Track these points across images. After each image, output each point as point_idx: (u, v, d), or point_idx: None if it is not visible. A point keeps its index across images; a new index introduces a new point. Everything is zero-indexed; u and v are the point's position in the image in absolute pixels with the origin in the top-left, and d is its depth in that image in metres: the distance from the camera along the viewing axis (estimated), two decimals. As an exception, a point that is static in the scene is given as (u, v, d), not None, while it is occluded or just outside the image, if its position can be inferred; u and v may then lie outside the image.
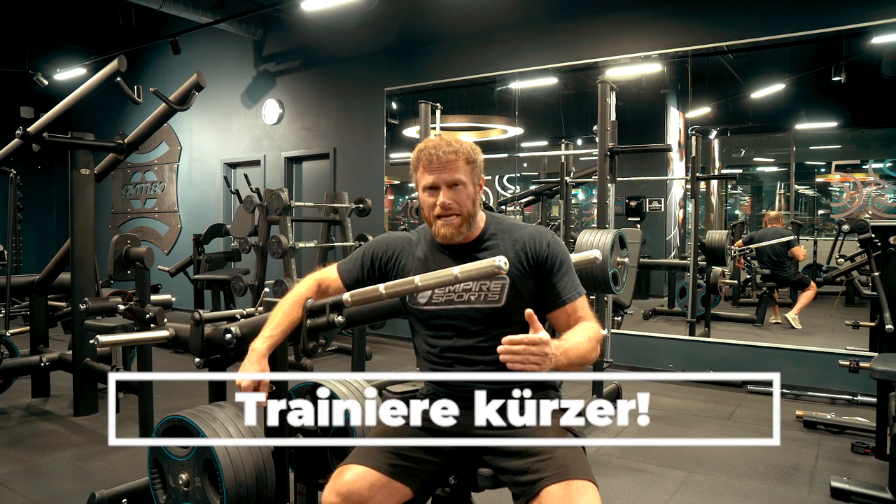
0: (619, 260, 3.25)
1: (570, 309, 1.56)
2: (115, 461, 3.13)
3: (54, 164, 9.88)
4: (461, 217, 1.55)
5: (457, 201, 1.54)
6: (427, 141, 1.59)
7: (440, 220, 1.56)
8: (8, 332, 4.00)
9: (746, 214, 6.28)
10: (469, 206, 1.56)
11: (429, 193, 1.57)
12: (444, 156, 1.54)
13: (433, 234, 1.61)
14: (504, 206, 6.45)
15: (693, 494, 2.76)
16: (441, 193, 1.54)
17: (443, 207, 1.54)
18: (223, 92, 7.94)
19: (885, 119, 4.98)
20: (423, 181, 1.57)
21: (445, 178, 1.54)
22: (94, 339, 2.14)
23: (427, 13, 6.31)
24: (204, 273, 6.43)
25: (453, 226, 1.55)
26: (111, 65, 3.70)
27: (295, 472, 2.17)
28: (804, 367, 4.37)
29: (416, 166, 1.59)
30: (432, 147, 1.55)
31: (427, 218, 1.60)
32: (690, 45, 4.95)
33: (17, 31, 8.53)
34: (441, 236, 1.57)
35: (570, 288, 1.57)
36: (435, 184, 1.55)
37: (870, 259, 3.13)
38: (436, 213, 1.55)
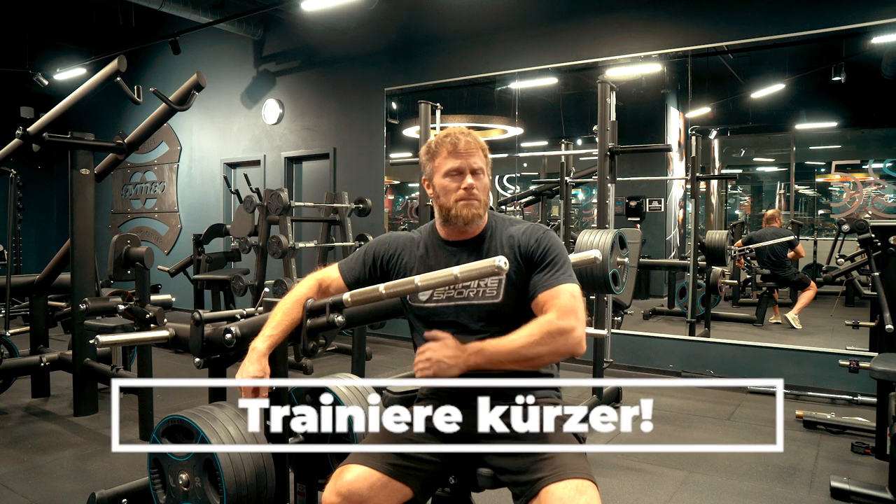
0: (619, 260, 3.25)
1: (542, 300, 1.51)
2: (115, 461, 3.13)
3: (54, 164, 9.88)
4: (481, 202, 1.60)
5: (479, 187, 1.59)
6: (447, 129, 1.64)
7: (462, 202, 1.58)
8: (8, 332, 4.00)
9: (746, 214, 6.28)
10: (487, 194, 1.62)
11: (451, 178, 1.59)
12: (469, 143, 1.60)
13: (450, 218, 1.60)
14: (504, 206, 6.45)
15: (693, 494, 2.76)
16: (467, 176, 1.58)
17: (467, 189, 1.57)
18: (223, 92, 7.94)
19: (885, 119, 4.98)
20: (445, 165, 1.60)
21: (471, 164, 1.59)
22: (94, 339, 2.13)
23: (427, 13, 6.31)
24: (204, 273, 6.43)
25: (474, 207, 1.58)
26: (111, 65, 3.70)
27: (295, 473, 2.17)
28: (804, 367, 4.37)
29: (438, 152, 1.61)
30: (457, 133, 1.61)
31: (443, 205, 1.61)
32: (690, 45, 4.95)
33: (17, 31, 8.53)
34: (462, 217, 1.58)
35: (546, 280, 1.52)
36: (461, 168, 1.58)
37: (870, 259, 3.13)
38: (459, 195, 1.58)
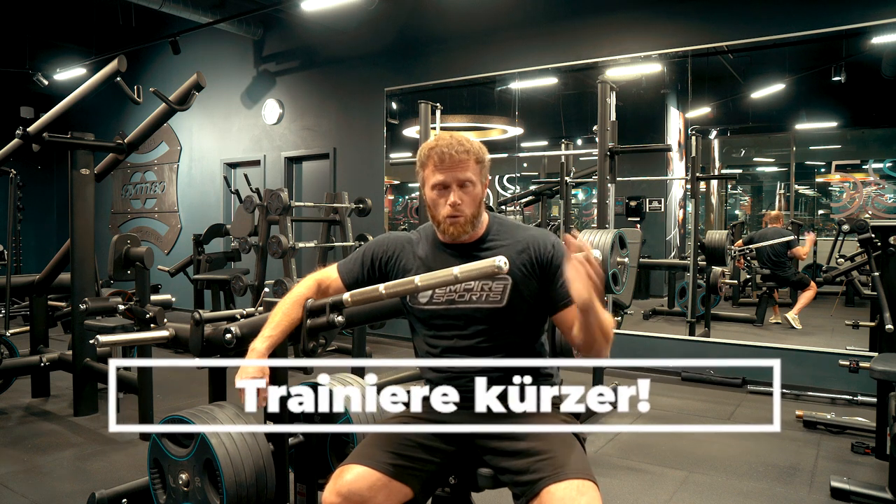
0: (619, 260, 3.25)
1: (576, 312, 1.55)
2: (115, 461, 3.13)
3: (54, 164, 9.88)
4: (468, 217, 1.55)
5: (466, 201, 1.54)
6: (438, 138, 1.57)
7: (448, 219, 1.55)
8: (8, 332, 4.00)
9: (746, 214, 6.28)
10: (476, 206, 1.56)
11: (437, 192, 1.55)
12: (456, 155, 1.52)
13: (439, 232, 1.60)
14: (504, 206, 6.46)
15: (693, 494, 2.76)
16: (451, 193, 1.53)
17: (453, 207, 1.53)
18: (223, 92, 7.94)
19: (885, 119, 4.98)
20: (432, 179, 1.55)
21: (457, 177, 1.53)
22: (94, 339, 2.13)
23: (427, 13, 6.31)
24: (204, 273, 6.43)
25: (460, 224, 1.55)
26: (111, 65, 3.70)
27: (295, 472, 2.17)
28: (804, 367, 4.37)
29: (425, 164, 1.56)
30: (444, 145, 1.53)
31: (433, 216, 1.59)
32: (690, 45, 4.95)
33: (17, 31, 8.53)
34: (448, 235, 1.57)
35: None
36: (445, 182, 1.54)
37: (870, 259, 3.13)
38: (445, 212, 1.55)
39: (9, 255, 4.53)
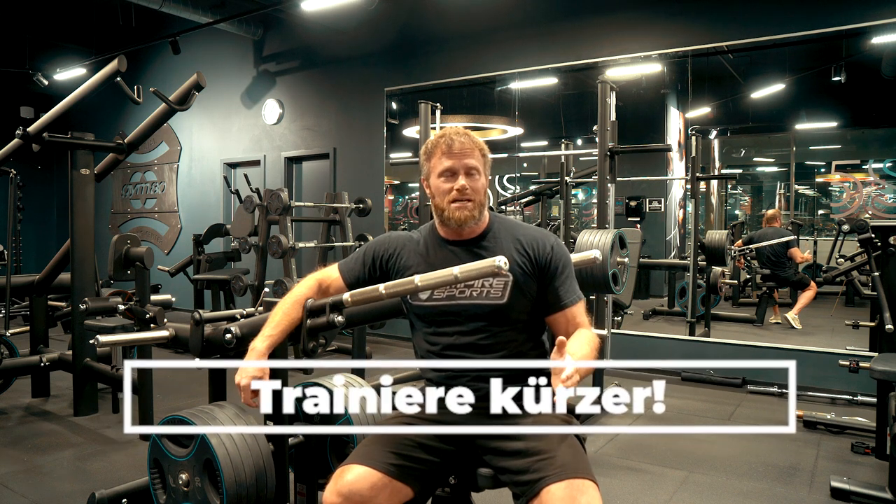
0: (619, 260, 3.25)
1: (570, 314, 1.58)
2: (115, 461, 3.13)
3: (54, 164, 9.88)
4: (475, 203, 1.58)
5: (473, 188, 1.58)
6: (444, 130, 1.63)
7: (455, 204, 1.57)
8: (8, 332, 4.00)
9: (746, 214, 6.28)
10: (482, 195, 1.60)
11: (445, 178, 1.59)
12: (464, 143, 1.58)
13: (443, 222, 1.61)
14: (504, 206, 6.45)
15: (693, 494, 2.76)
16: (459, 177, 1.57)
17: (460, 191, 1.56)
18: (223, 92, 7.94)
19: (885, 119, 4.97)
20: (440, 166, 1.59)
21: (465, 164, 1.58)
22: (94, 339, 2.14)
23: (427, 13, 6.31)
24: (204, 273, 6.43)
25: (468, 209, 1.57)
26: (111, 65, 3.70)
27: (295, 472, 2.17)
28: (804, 367, 4.37)
29: (433, 153, 1.61)
30: (452, 133, 1.60)
31: (439, 205, 1.60)
32: (690, 45, 4.95)
33: (17, 31, 8.53)
34: (455, 220, 1.58)
35: (571, 292, 1.60)
36: (454, 168, 1.57)
37: (870, 259, 3.13)
38: (452, 196, 1.57)
39: (9, 255, 4.53)
